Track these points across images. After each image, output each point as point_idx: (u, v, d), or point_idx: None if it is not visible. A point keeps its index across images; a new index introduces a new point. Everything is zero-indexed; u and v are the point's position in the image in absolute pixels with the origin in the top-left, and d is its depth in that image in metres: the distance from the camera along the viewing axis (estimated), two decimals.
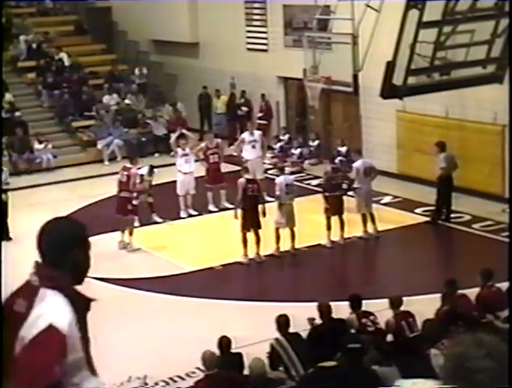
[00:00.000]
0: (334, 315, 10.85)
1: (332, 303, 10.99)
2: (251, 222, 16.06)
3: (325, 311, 10.74)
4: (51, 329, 3.51)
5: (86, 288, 3.65)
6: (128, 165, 17.56)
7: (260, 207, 16.18)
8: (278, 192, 16.61)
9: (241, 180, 16.47)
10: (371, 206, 17.47)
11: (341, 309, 11.18)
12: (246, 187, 16.20)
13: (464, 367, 2.85)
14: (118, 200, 17.35)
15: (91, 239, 3.69)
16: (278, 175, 18.03)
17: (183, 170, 18.99)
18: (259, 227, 16.09)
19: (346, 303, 11.17)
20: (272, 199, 17.35)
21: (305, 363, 9.62)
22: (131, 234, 17.25)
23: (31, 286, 3.68)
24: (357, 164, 17.36)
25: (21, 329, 3.52)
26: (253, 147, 20.00)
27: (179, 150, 19.15)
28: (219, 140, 20.43)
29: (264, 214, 16.18)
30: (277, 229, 16.39)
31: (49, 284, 3.62)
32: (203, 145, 20.00)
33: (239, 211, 16.29)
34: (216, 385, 9.07)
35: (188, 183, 19.01)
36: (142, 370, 11.77)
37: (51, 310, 3.57)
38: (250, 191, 16.19)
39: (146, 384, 11.57)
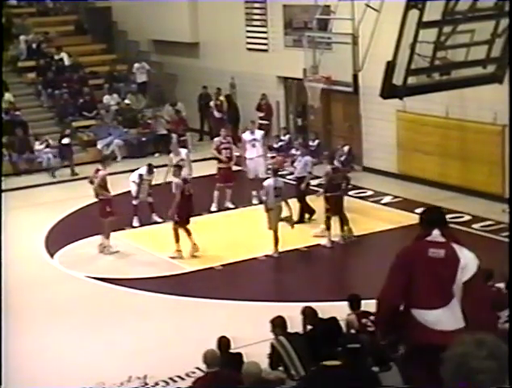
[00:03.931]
0: (334, 316, 10.82)
1: (332, 303, 10.92)
2: (187, 219, 16.60)
3: (309, 315, 10.64)
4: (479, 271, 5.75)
5: (87, 288, 3.65)
6: (100, 168, 17.51)
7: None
8: (264, 197, 16.53)
9: (179, 182, 16.71)
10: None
11: (340, 310, 11.16)
12: (184, 188, 16.61)
13: (465, 367, 2.85)
14: (98, 204, 17.32)
15: (91, 239, 3.71)
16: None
17: None
18: (188, 222, 16.65)
19: (346, 303, 11.15)
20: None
21: (305, 363, 9.60)
22: (107, 237, 16.86)
23: (438, 242, 5.84)
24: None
25: (457, 266, 5.74)
26: (254, 146, 19.93)
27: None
28: (230, 137, 20.26)
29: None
30: (275, 232, 16.30)
31: (454, 240, 5.87)
32: (216, 139, 19.98)
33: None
34: (216, 384, 9.05)
35: None
36: (142, 370, 11.78)
37: (472, 258, 5.81)
38: (187, 192, 16.69)
39: (146, 384, 11.57)
